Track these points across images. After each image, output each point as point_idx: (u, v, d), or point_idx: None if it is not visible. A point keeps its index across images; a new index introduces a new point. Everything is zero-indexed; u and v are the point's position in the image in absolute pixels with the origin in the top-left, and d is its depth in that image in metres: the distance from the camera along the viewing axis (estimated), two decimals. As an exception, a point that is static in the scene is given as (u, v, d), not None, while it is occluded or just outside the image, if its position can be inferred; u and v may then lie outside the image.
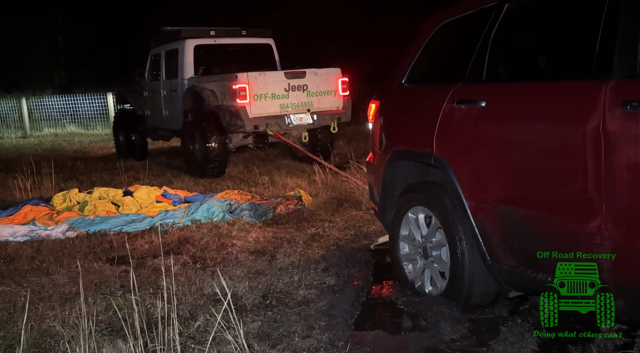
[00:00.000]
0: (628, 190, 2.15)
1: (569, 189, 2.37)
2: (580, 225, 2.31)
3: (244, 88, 7.50)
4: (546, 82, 2.60)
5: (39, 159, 9.24)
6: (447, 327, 2.80)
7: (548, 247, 2.46)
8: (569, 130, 2.36)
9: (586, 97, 2.30)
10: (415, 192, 3.30)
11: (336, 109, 8.25)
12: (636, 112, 2.10)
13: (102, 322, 3.05)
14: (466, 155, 2.89)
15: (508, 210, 2.66)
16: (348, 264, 3.89)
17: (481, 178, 2.80)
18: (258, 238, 4.65)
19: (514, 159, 2.65)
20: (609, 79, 2.22)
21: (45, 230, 4.95)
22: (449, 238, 2.98)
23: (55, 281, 3.78)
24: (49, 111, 16.82)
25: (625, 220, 2.16)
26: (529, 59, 2.79)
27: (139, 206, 5.75)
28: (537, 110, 2.55)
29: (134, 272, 3.87)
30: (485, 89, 2.88)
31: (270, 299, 3.32)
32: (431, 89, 3.29)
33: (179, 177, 7.86)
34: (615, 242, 2.19)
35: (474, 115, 2.86)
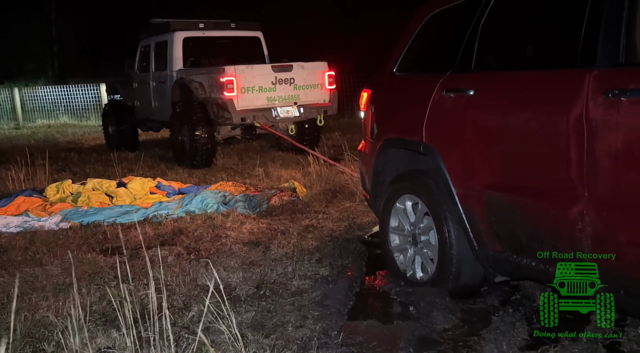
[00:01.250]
0: (609, 176, 2.20)
1: (552, 176, 2.42)
2: (563, 211, 2.35)
3: (232, 81, 7.60)
4: (532, 71, 2.64)
5: (32, 150, 9.13)
6: (439, 316, 2.83)
7: (533, 233, 2.52)
8: (553, 118, 2.40)
9: (570, 85, 2.33)
10: (404, 180, 3.33)
11: (323, 102, 8.35)
12: (617, 100, 2.14)
13: (95, 312, 3.06)
14: (455, 143, 2.94)
15: (495, 197, 2.71)
16: (342, 255, 3.90)
17: (469, 166, 2.85)
18: (252, 229, 4.65)
19: (500, 147, 2.69)
20: (593, 67, 2.26)
21: (38, 221, 4.94)
22: (437, 225, 3.02)
23: (48, 272, 3.78)
24: (42, 102, 16.72)
25: (606, 206, 2.21)
26: (516, 48, 2.84)
27: (132, 197, 5.74)
28: (524, 99, 2.60)
29: (128, 263, 3.90)
30: (474, 77, 2.93)
31: (264, 290, 3.34)
32: (422, 78, 3.34)
33: (172, 168, 7.85)
34: (596, 227, 2.23)
35: (463, 104, 2.90)
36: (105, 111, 10.88)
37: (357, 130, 9.81)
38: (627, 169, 2.14)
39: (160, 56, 9.08)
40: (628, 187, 2.14)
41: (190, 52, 8.82)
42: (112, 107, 10.68)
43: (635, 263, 2.13)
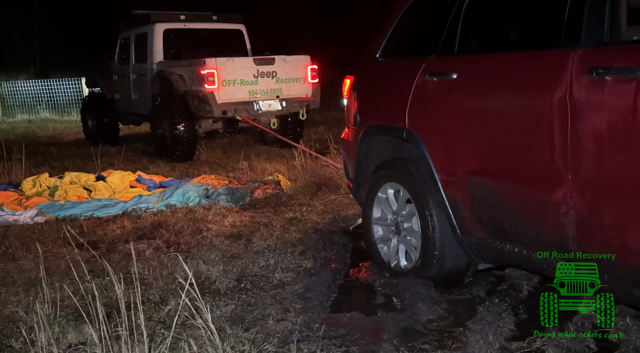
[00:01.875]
0: (593, 159, 2.15)
1: (536, 160, 2.37)
2: (546, 195, 2.31)
3: (213, 73, 7.50)
4: (516, 52, 2.58)
5: (10, 145, 8.95)
6: (424, 307, 2.75)
7: (516, 219, 2.48)
8: (537, 100, 2.35)
9: (554, 66, 2.28)
10: (387, 168, 3.28)
11: (305, 96, 8.27)
12: (602, 80, 2.09)
13: (68, 307, 2.93)
14: (438, 128, 2.88)
15: (478, 182, 2.65)
16: (325, 247, 3.81)
17: (452, 151, 2.80)
18: (234, 222, 4.54)
19: (484, 131, 2.64)
20: (577, 47, 2.22)
21: (12, 215, 4.78)
22: (420, 212, 2.97)
23: (21, 266, 3.64)
24: (23, 97, 16.43)
25: (590, 189, 2.17)
26: (499, 30, 2.80)
27: (111, 191, 5.59)
28: (507, 81, 2.55)
29: (104, 257, 3.78)
30: (457, 61, 2.88)
31: (244, 283, 3.23)
32: (404, 62, 3.27)
33: (154, 162, 7.70)
34: (580, 210, 2.20)
35: (446, 88, 2.84)
36: (84, 104, 10.68)
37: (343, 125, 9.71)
38: (612, 151, 2.09)
39: (141, 48, 8.94)
40: (612, 169, 2.10)
41: (171, 44, 8.70)
42: (91, 100, 10.49)
43: (619, 248, 2.10)
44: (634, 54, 2.07)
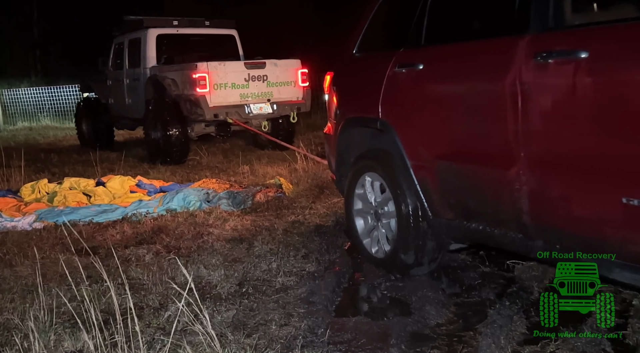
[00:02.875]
0: (540, 136, 2.29)
1: (493, 140, 2.51)
2: (502, 172, 2.45)
3: (204, 77, 7.60)
4: (474, 41, 2.72)
5: (10, 152, 8.87)
6: (432, 311, 2.66)
7: (479, 198, 2.64)
8: (492, 84, 2.50)
9: (506, 51, 2.42)
10: (365, 158, 3.41)
11: (296, 99, 8.36)
12: (546, 63, 2.23)
13: (64, 314, 2.85)
14: (407, 117, 3.04)
15: (445, 166, 2.81)
16: (329, 250, 3.73)
17: (420, 138, 2.97)
18: (236, 226, 4.46)
19: (447, 117, 2.78)
20: (526, 34, 2.35)
21: (11, 221, 4.70)
22: (395, 198, 3.11)
23: (18, 273, 3.56)
24: (24, 105, 16.39)
25: (539, 164, 2.31)
26: (459, 22, 2.97)
27: (111, 196, 5.52)
28: (466, 68, 2.70)
29: (103, 263, 3.69)
30: (423, 52, 3.03)
31: (246, 287, 3.15)
32: (378, 56, 3.39)
33: (154, 167, 7.62)
34: (531, 185, 2.33)
35: (413, 78, 3.00)
36: (78, 109, 10.76)
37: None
38: (556, 128, 2.23)
39: (134, 53, 9.02)
40: (557, 145, 2.23)
41: (164, 50, 8.78)
42: (86, 105, 10.56)
43: (570, 219, 2.21)
44: (573, 37, 2.20)
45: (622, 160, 2.00)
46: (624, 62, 2.02)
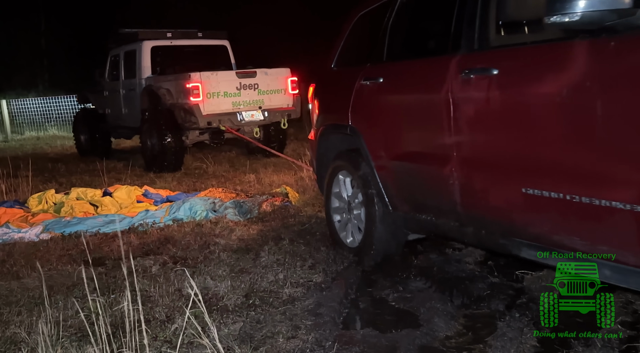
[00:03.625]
0: (465, 139, 2.73)
1: (433, 143, 2.96)
2: (440, 170, 2.86)
3: (197, 87, 7.92)
4: (421, 59, 3.22)
5: (18, 162, 8.94)
6: (440, 323, 2.63)
7: (425, 193, 3.10)
8: (432, 95, 2.92)
9: (442, 68, 2.84)
10: (339, 160, 3.88)
11: (286, 106, 8.67)
12: (468, 78, 2.66)
13: (71, 327, 2.84)
14: (371, 124, 3.51)
15: (399, 166, 3.27)
16: (336, 260, 3.70)
17: (381, 141, 3.41)
18: (242, 236, 4.45)
19: (400, 123, 3.26)
20: (457, 54, 2.78)
21: (18, 232, 4.71)
22: (364, 194, 3.58)
23: (25, 285, 3.55)
24: (31, 114, 16.50)
25: (466, 162, 2.72)
26: (411, 42, 3.47)
27: (118, 206, 5.52)
28: (414, 82, 3.18)
29: (109, 274, 3.69)
30: (383, 67, 3.49)
31: (253, 299, 3.12)
32: (349, 70, 3.84)
33: (161, 176, 7.63)
34: (461, 180, 2.75)
35: (375, 90, 3.46)
36: (76, 119, 11.12)
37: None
38: (475, 132, 2.68)
39: (130, 65, 9.34)
40: (476, 146, 2.69)
41: (159, 61, 9.10)
42: (83, 115, 10.95)
43: (489, 207, 2.63)
44: (487, 57, 2.63)
45: (521, 158, 2.43)
46: (522, 78, 2.44)
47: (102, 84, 10.24)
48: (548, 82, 2.30)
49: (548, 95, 2.28)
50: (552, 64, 2.28)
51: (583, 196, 2.13)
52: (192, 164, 8.67)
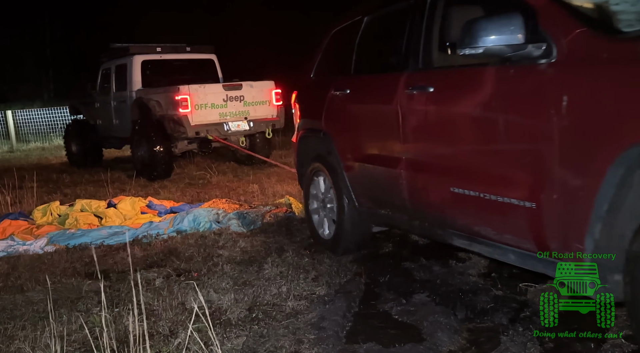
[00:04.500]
0: (410, 144, 3.19)
1: (387, 147, 3.42)
2: (392, 171, 3.31)
3: (186, 99, 8.39)
4: (379, 74, 3.66)
5: (23, 173, 9.00)
6: (444, 337, 2.62)
7: (382, 190, 3.53)
8: (386, 106, 3.35)
9: (394, 83, 3.28)
10: (315, 161, 4.30)
11: (271, 117, 9.17)
12: (412, 93, 3.11)
13: (75, 342, 2.85)
14: (340, 129, 3.97)
15: (362, 166, 3.70)
16: (339, 273, 3.70)
17: (347, 145, 3.87)
18: (246, 248, 4.45)
19: (362, 129, 3.73)
20: (405, 72, 3.22)
21: (23, 245, 4.73)
22: (335, 191, 4.04)
23: (29, 298, 3.57)
24: (36, 125, 16.60)
25: (411, 164, 3.18)
26: (373, 59, 3.90)
27: (122, 218, 5.54)
28: (373, 94, 3.63)
29: (113, 287, 3.70)
30: (350, 79, 3.94)
31: (256, 312, 3.13)
32: (324, 81, 4.28)
33: (165, 187, 7.66)
34: (408, 180, 3.21)
35: (343, 99, 3.91)
36: (67, 130, 11.50)
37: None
38: (417, 138, 3.15)
39: (121, 78, 9.79)
40: (417, 150, 3.17)
41: (149, 74, 9.54)
42: (75, 126, 11.34)
43: (428, 203, 3.11)
44: (427, 76, 3.07)
45: (450, 162, 2.90)
46: (449, 95, 2.90)
47: (94, 96, 10.66)
48: (467, 100, 2.76)
49: (466, 110, 2.76)
50: (470, 85, 2.75)
51: (492, 194, 2.55)
52: (196, 174, 8.70)
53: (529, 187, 2.37)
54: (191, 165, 9.45)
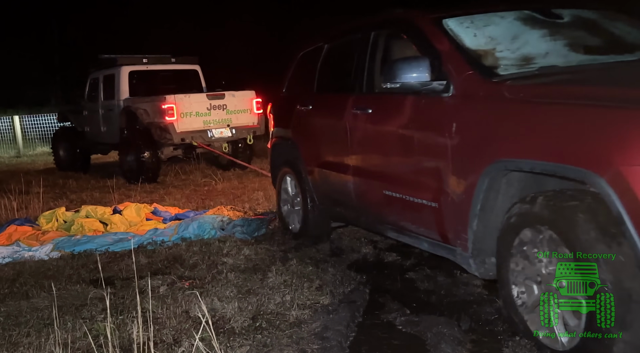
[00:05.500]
0: (356, 155, 3.89)
1: (340, 156, 4.09)
2: (343, 176, 4.03)
3: (172, 107, 8.97)
4: (336, 94, 4.26)
5: (30, 178, 9.08)
6: (447, 348, 2.62)
7: (336, 192, 4.20)
8: (339, 122, 4.01)
9: (344, 103, 3.97)
10: (285, 166, 5.04)
11: (252, 124, 9.75)
12: (357, 113, 3.82)
13: (79, 349, 2.86)
14: (304, 139, 4.68)
15: (321, 171, 4.40)
16: (343, 282, 3.70)
17: (309, 152, 4.57)
18: (250, 255, 4.46)
19: (321, 140, 4.41)
20: (353, 94, 3.91)
21: (29, 251, 4.76)
22: (301, 192, 4.76)
23: (34, 305, 3.59)
24: (43, 130, 16.69)
25: (357, 171, 3.89)
26: (331, 81, 4.51)
27: (128, 224, 5.56)
28: (329, 110, 4.29)
29: (118, 294, 3.71)
30: (313, 97, 4.62)
31: (260, 321, 3.13)
32: (292, 96, 5.02)
33: (170, 194, 7.68)
34: (354, 183, 3.92)
35: (307, 113, 4.61)
36: (55, 136, 12.12)
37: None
38: (360, 150, 3.86)
39: (109, 87, 10.37)
40: (362, 160, 3.85)
41: (135, 83, 10.13)
42: (62, 133, 11.95)
43: (369, 203, 3.83)
44: (367, 100, 3.79)
45: (382, 170, 3.63)
46: (382, 116, 3.61)
47: (82, 104, 11.25)
48: (393, 121, 3.45)
49: (392, 129, 3.45)
50: (395, 109, 3.45)
51: (410, 196, 3.27)
52: (201, 181, 8.72)
53: (433, 191, 3.05)
54: (196, 171, 9.48)
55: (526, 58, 3.12)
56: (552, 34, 3.33)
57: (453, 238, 2.95)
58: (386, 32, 3.78)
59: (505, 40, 3.22)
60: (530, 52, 3.15)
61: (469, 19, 3.36)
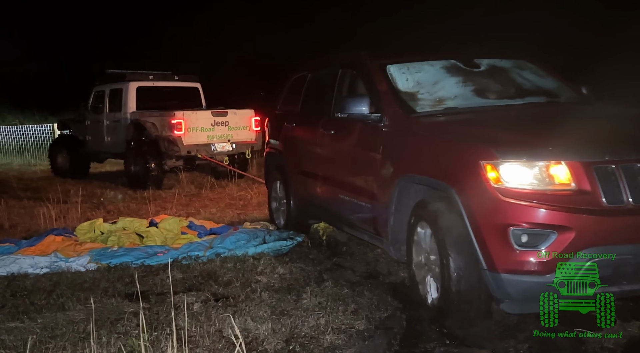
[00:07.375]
0: (323, 165, 4.93)
1: (312, 166, 5.14)
2: (314, 181, 5.07)
3: (180, 122, 9.87)
4: (312, 115, 5.25)
5: (68, 187, 9.26)
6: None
7: (311, 195, 5.19)
8: (312, 139, 5.10)
9: (318, 122, 4.97)
10: (275, 172, 6.08)
11: (250, 140, 10.70)
12: (324, 132, 4.84)
13: (114, 367, 2.84)
14: (289, 151, 5.73)
15: (300, 177, 5.42)
16: (379, 306, 3.61)
17: (293, 163, 5.57)
18: (284, 274, 4.41)
19: (300, 152, 5.42)
20: (325, 117, 4.87)
21: (66, 262, 4.81)
22: (285, 193, 5.76)
23: (70, 317, 3.60)
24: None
25: (323, 179, 4.92)
26: (311, 104, 5.40)
27: (163, 237, 5.59)
28: (307, 128, 5.34)
29: (152, 310, 3.70)
30: (297, 115, 5.62)
31: (293, 344, 3.07)
32: (283, 114, 5.99)
33: (206, 207, 7.72)
34: (321, 188, 4.97)
35: (291, 129, 5.68)
36: (54, 143, 12.83)
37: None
38: (325, 162, 4.91)
39: (115, 100, 11.13)
40: (326, 169, 4.90)
41: (142, 98, 10.90)
42: (61, 140, 12.70)
43: (331, 204, 4.85)
44: (332, 122, 4.76)
45: (338, 177, 4.65)
46: (341, 136, 4.65)
47: (85, 114, 11.86)
48: (346, 141, 4.57)
49: (345, 147, 4.60)
50: (347, 132, 4.50)
51: (356, 199, 4.29)
52: (236, 195, 8.74)
53: (369, 195, 4.07)
54: (231, 185, 9.52)
55: (440, 100, 4.09)
56: (465, 80, 4.26)
57: (381, 231, 3.97)
58: (349, 70, 4.79)
59: (428, 85, 4.20)
60: (443, 95, 4.11)
61: (406, 66, 4.31)
